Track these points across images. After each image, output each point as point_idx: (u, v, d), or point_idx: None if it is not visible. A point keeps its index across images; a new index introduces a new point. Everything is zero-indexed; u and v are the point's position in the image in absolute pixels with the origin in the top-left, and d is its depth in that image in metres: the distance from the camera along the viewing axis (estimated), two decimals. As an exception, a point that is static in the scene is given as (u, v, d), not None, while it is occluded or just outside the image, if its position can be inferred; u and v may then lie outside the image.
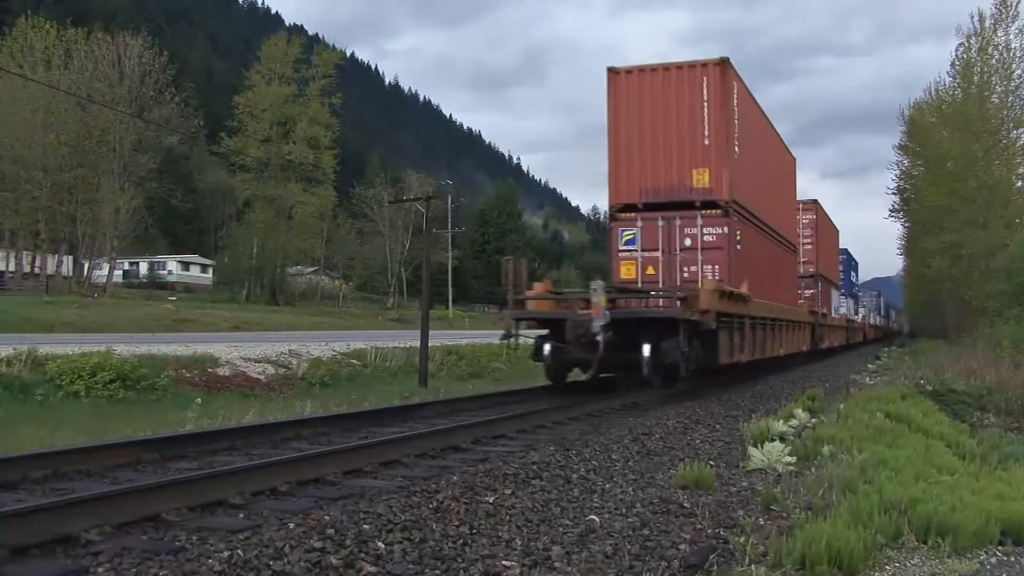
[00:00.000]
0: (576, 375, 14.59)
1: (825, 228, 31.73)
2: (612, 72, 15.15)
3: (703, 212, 14.52)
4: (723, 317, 13.81)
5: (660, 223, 14.73)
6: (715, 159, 14.47)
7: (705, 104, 14.52)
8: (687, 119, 14.56)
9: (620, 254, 15.03)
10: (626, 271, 14.92)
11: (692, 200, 14.56)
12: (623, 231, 15.02)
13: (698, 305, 12.93)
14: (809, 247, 28.47)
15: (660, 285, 14.54)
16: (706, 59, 14.83)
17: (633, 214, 14.92)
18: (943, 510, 5.33)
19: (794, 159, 23.63)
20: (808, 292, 27.34)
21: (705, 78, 14.56)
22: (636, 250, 14.89)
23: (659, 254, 14.75)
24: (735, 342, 14.94)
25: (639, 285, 14.67)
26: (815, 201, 30.16)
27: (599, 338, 12.45)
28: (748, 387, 16.37)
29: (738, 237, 14.98)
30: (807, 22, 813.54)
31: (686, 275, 14.49)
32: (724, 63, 14.67)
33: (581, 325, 12.75)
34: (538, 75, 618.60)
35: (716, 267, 14.47)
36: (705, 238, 14.54)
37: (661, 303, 13.79)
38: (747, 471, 7.81)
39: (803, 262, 26.57)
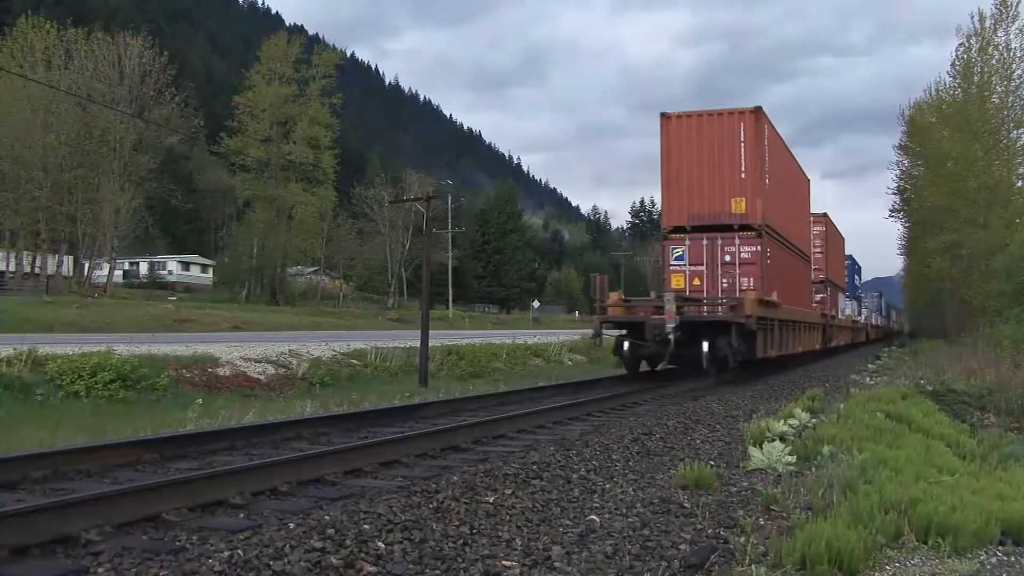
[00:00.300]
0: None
1: (833, 237, 33.79)
2: (664, 117, 17.88)
3: (740, 234, 17.30)
4: (760, 320, 16.35)
5: (704, 242, 17.52)
6: (750, 190, 17.17)
7: (742, 144, 17.23)
8: (727, 156, 17.26)
9: (671, 267, 17.83)
10: (676, 282, 17.63)
11: (731, 224, 17.32)
12: (674, 248, 17.80)
13: (744, 311, 15.78)
14: (819, 255, 30.19)
15: (704, 294, 17.41)
16: (743, 107, 17.68)
17: (682, 235, 17.73)
18: (943, 510, 5.32)
19: (808, 180, 25.99)
20: (819, 296, 28.95)
21: (742, 123, 17.33)
22: (685, 264, 17.68)
23: (704, 268, 17.54)
24: (768, 341, 17.47)
25: (687, 294, 17.32)
26: (825, 214, 32.22)
27: (671, 337, 15.35)
28: (748, 387, 16.39)
29: (768, 254, 17.60)
30: (807, 22, 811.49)
31: (725, 285, 17.31)
32: (758, 111, 17.46)
33: (657, 326, 15.76)
34: (538, 75, 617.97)
35: (751, 279, 17.18)
36: (742, 255, 17.30)
37: (707, 309, 17.00)
38: (747, 471, 7.79)
39: (814, 269, 28.19)
